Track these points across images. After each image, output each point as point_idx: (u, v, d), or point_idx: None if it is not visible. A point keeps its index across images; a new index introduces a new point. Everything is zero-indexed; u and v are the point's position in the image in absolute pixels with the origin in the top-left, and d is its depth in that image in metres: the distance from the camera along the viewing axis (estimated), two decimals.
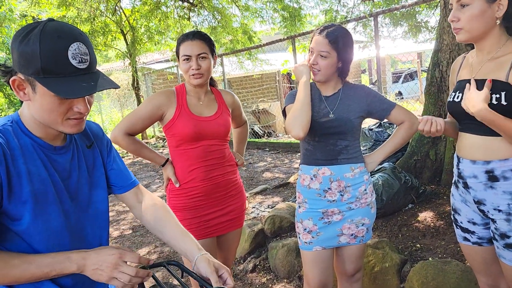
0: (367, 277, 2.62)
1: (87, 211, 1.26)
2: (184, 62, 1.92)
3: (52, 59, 1.01)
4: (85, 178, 1.26)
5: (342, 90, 1.89)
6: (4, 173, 1.05)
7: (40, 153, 1.14)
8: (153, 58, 14.85)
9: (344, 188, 1.87)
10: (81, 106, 1.09)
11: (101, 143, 1.37)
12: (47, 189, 1.14)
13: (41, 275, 1.05)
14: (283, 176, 5.97)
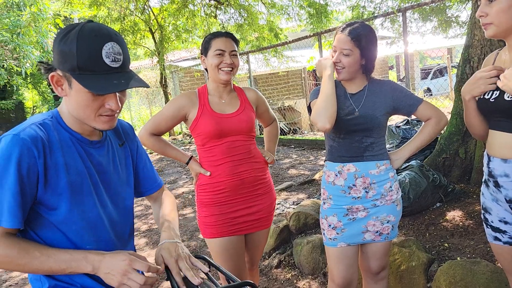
0: (393, 275, 2.60)
1: (118, 205, 1.32)
2: (217, 57, 1.95)
3: (87, 57, 1.07)
4: (117, 173, 1.32)
5: (368, 87, 1.88)
6: (42, 165, 1.11)
7: (78, 146, 1.21)
8: (180, 56, 15.06)
9: (369, 185, 1.87)
10: (113, 103, 1.14)
11: (132, 143, 1.43)
12: (83, 181, 1.20)
13: (58, 270, 1.10)
14: (308, 173, 5.96)
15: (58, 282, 1.20)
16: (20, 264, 1.09)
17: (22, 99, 21.32)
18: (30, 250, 1.09)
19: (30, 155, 1.09)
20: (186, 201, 5.45)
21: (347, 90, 1.89)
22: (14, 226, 1.09)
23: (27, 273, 1.16)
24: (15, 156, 1.07)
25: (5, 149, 1.08)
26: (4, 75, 13.77)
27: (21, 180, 1.08)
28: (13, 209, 1.08)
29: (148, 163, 1.50)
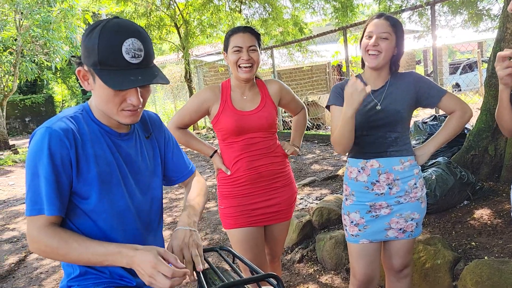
0: (417, 273, 2.57)
1: (146, 195, 1.36)
2: (235, 54, 1.95)
3: (107, 52, 1.10)
4: (145, 165, 1.36)
5: (390, 81, 1.85)
6: (74, 156, 1.16)
7: (107, 138, 1.26)
8: (205, 51, 15.15)
9: (393, 181, 1.84)
10: (133, 98, 1.17)
11: (159, 134, 1.46)
12: (112, 171, 1.24)
13: (95, 262, 1.14)
14: (332, 168, 5.92)
15: (89, 268, 1.25)
16: (60, 254, 1.14)
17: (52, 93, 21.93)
18: (69, 241, 1.13)
19: (62, 145, 1.15)
20: (210, 194, 5.51)
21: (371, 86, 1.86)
22: (54, 214, 1.13)
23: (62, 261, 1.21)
24: (48, 147, 1.13)
25: (39, 141, 1.14)
26: (35, 70, 14.18)
27: (56, 170, 1.13)
28: (52, 198, 1.13)
29: (177, 151, 1.52)
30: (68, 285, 1.28)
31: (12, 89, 13.71)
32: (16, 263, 3.96)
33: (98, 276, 1.27)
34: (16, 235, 4.85)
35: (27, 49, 13.42)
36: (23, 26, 12.50)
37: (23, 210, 5.89)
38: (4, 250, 4.37)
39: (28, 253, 4.20)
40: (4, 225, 5.27)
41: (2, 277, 3.67)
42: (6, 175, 9.02)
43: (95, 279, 1.26)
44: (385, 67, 1.83)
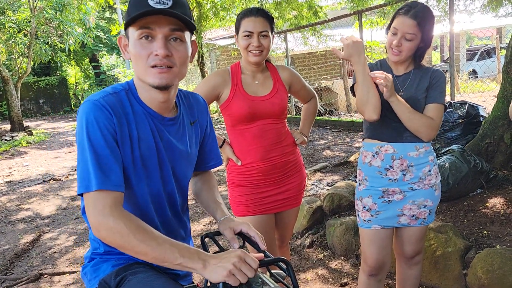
0: (427, 260, 2.56)
1: (180, 184, 1.34)
2: (245, 38, 1.89)
3: (135, 3, 1.11)
4: (184, 152, 1.33)
5: (413, 70, 1.84)
6: (119, 133, 1.14)
7: (150, 121, 1.22)
8: (218, 34, 15.05)
9: (407, 167, 1.83)
10: (157, 46, 1.12)
11: (203, 121, 1.43)
12: (151, 155, 1.22)
13: (170, 260, 1.05)
14: (344, 154, 5.89)
15: (112, 248, 1.23)
16: (129, 242, 1.05)
17: (65, 76, 22.10)
18: (147, 229, 1.07)
19: (110, 119, 1.13)
20: (221, 179, 5.53)
21: (393, 71, 1.84)
22: (115, 188, 1.08)
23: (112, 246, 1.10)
24: (97, 119, 1.10)
25: (88, 113, 1.11)
26: (49, 52, 14.28)
27: (107, 142, 1.10)
28: (113, 171, 1.09)
29: (213, 141, 1.50)
30: (92, 257, 1.29)
31: (26, 71, 13.85)
32: (30, 243, 4.05)
33: (121, 254, 1.25)
34: (30, 215, 4.95)
35: (41, 31, 13.50)
36: (37, 8, 12.54)
37: (37, 191, 6.00)
38: (19, 230, 4.47)
39: (42, 233, 4.29)
40: (19, 205, 5.37)
41: (17, 256, 3.76)
42: (21, 156, 9.17)
43: (119, 256, 1.26)
44: (409, 59, 1.81)
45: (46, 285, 3.16)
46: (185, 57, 1.18)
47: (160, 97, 1.20)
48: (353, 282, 2.73)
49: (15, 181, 6.77)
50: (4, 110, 16.82)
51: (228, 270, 1.00)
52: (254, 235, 1.28)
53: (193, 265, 1.04)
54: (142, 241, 1.04)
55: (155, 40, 1.12)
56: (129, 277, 1.18)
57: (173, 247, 1.05)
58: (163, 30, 1.12)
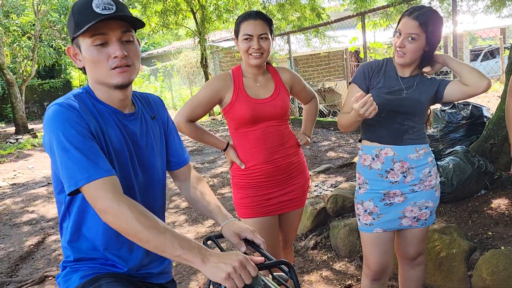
0: (432, 262, 2.55)
1: (152, 176, 1.36)
2: (245, 42, 1.90)
3: (80, 13, 1.15)
4: (151, 145, 1.36)
5: (420, 77, 1.83)
6: (93, 130, 1.17)
7: (114, 117, 1.26)
8: (221, 36, 15.07)
9: (408, 170, 1.82)
10: (114, 48, 1.17)
11: (163, 115, 1.46)
12: (122, 149, 1.25)
13: (170, 250, 1.05)
14: (347, 156, 5.88)
15: (83, 255, 1.28)
16: (133, 228, 1.06)
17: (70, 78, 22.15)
18: (151, 216, 1.08)
19: (79, 117, 1.15)
20: (225, 180, 5.54)
21: (398, 72, 1.84)
22: (106, 175, 1.10)
23: None
24: (68, 120, 1.13)
25: (58, 116, 1.13)
26: (53, 55, 14.35)
27: (84, 137, 1.13)
28: (94, 162, 1.10)
29: (177, 137, 1.51)
30: (64, 265, 1.32)
31: (30, 74, 13.92)
32: (35, 245, 4.07)
33: (91, 262, 1.29)
34: (35, 217, 4.97)
35: (45, 34, 13.58)
36: (41, 11, 12.61)
37: (42, 193, 6.02)
38: (24, 232, 4.49)
39: (46, 235, 4.30)
40: (24, 208, 5.40)
41: (22, 258, 3.77)
42: (25, 159, 9.21)
43: (88, 265, 1.29)
44: (415, 62, 1.80)
45: (50, 287, 3.18)
46: (138, 54, 1.25)
47: (120, 95, 1.25)
48: (357, 284, 2.72)
49: (19, 184, 6.81)
50: (8, 113, 16.90)
51: (227, 273, 1.00)
52: (260, 243, 1.29)
53: (192, 258, 1.04)
54: (145, 228, 1.05)
55: (110, 44, 1.17)
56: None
57: (174, 237, 1.06)
58: (116, 34, 1.17)
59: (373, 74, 1.84)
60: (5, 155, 9.73)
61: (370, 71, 1.85)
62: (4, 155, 9.79)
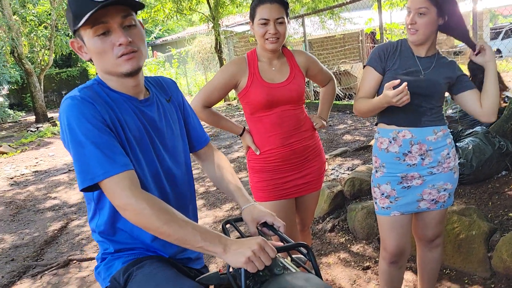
0: (451, 244, 2.54)
1: (177, 160, 1.36)
2: (261, 26, 1.88)
3: (77, 3, 1.11)
4: (170, 129, 1.35)
5: (437, 57, 1.80)
6: (109, 121, 1.16)
7: (130, 105, 1.24)
8: (235, 20, 14.96)
9: (426, 152, 1.80)
10: (117, 36, 1.14)
11: (177, 97, 1.44)
12: (142, 136, 1.24)
13: (191, 241, 1.07)
14: (364, 139, 5.84)
15: (123, 247, 1.29)
16: (153, 223, 1.07)
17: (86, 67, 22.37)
18: (170, 211, 1.09)
19: (94, 109, 1.14)
20: (242, 165, 5.57)
21: (414, 52, 1.81)
22: (125, 168, 1.10)
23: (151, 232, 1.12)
24: (83, 113, 1.11)
25: (72, 110, 1.12)
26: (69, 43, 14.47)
27: (100, 130, 1.12)
28: (113, 156, 1.10)
29: (195, 117, 1.50)
30: (103, 257, 1.32)
31: (48, 63, 14.11)
32: (58, 230, 4.18)
33: (132, 250, 1.30)
34: (57, 203, 5.10)
35: (61, 23, 13.68)
36: (57, 0, 12.70)
37: (63, 180, 6.16)
38: (47, 218, 4.62)
39: (69, 221, 4.42)
40: (46, 194, 5.54)
41: (46, 243, 3.89)
42: (46, 147, 9.41)
43: (130, 252, 1.30)
44: (429, 39, 1.76)
45: (75, 270, 3.28)
46: (143, 38, 1.22)
47: (132, 82, 1.23)
48: (375, 266, 2.73)
49: (42, 171, 6.97)
50: (28, 102, 17.21)
51: (247, 257, 1.02)
52: (280, 226, 1.29)
53: (213, 248, 1.06)
54: (165, 223, 1.06)
55: (112, 31, 1.14)
56: (135, 273, 1.22)
57: (195, 230, 1.07)
58: (116, 20, 1.14)
59: (388, 55, 1.81)
60: (26, 143, 9.96)
61: (386, 53, 1.82)
62: (26, 143, 10.01)
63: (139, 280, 1.19)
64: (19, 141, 10.19)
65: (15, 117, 16.22)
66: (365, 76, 1.87)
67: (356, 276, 2.68)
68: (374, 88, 1.86)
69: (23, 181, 6.44)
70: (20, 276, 3.28)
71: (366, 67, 1.87)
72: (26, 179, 6.52)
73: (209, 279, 1.15)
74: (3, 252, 3.80)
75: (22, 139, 10.39)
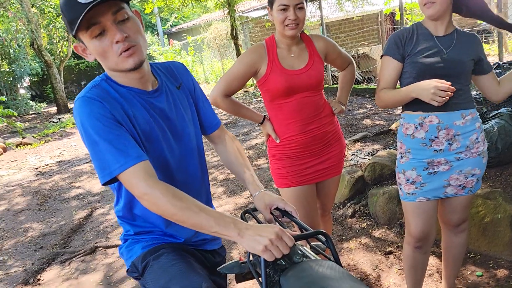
0: (475, 227, 2.50)
1: (189, 146, 1.38)
2: (281, 12, 1.86)
3: (68, 9, 1.12)
4: (182, 116, 1.37)
5: (456, 32, 1.75)
6: (118, 117, 1.19)
7: (138, 98, 1.27)
8: (250, 6, 14.83)
9: (453, 137, 1.76)
10: (112, 34, 1.14)
11: (188, 81, 1.45)
12: (151, 129, 1.27)
13: (206, 226, 1.10)
14: (384, 123, 5.76)
15: (142, 229, 1.36)
16: (168, 211, 1.11)
17: None
18: (193, 203, 1.12)
19: (103, 107, 1.17)
20: (260, 152, 5.58)
21: (432, 33, 1.76)
22: (139, 160, 1.13)
23: None
24: (92, 112, 1.15)
25: (82, 111, 1.16)
26: None
27: (110, 127, 1.15)
28: (125, 149, 1.14)
29: (206, 101, 1.51)
30: (125, 238, 1.40)
31: (67, 54, 14.30)
32: (84, 218, 4.29)
33: (151, 234, 1.37)
34: (82, 192, 5.22)
35: None
36: None
37: (86, 169, 6.29)
38: (72, 206, 4.73)
39: (94, 209, 4.52)
40: (71, 183, 5.67)
41: (73, 231, 4.00)
42: (69, 137, 9.59)
43: (148, 236, 1.37)
44: (445, 15, 1.71)
45: (101, 257, 3.36)
46: (139, 30, 1.21)
47: (137, 75, 1.25)
48: (397, 250, 2.72)
49: (65, 161, 7.13)
50: (49, 93, 17.52)
51: (264, 246, 1.03)
52: (291, 211, 1.31)
53: (228, 233, 1.08)
54: (180, 210, 1.10)
55: (107, 30, 1.15)
56: (152, 263, 1.28)
57: (209, 216, 1.10)
58: (108, 18, 1.13)
59: (405, 41, 1.77)
60: (49, 134, 10.18)
61: (402, 39, 1.77)
62: (49, 134, 10.24)
63: (155, 270, 1.26)
64: (42, 132, 10.41)
65: (37, 108, 16.56)
66: (384, 66, 1.83)
67: (378, 261, 2.67)
68: (395, 78, 1.83)
69: (48, 171, 6.60)
70: (49, 263, 3.39)
71: (383, 57, 1.84)
72: (50, 169, 6.67)
73: (230, 268, 1.17)
74: (32, 240, 3.92)
75: (45, 130, 10.62)
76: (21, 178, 6.33)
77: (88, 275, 3.11)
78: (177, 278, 1.20)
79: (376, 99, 1.89)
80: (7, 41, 13.67)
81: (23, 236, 4.05)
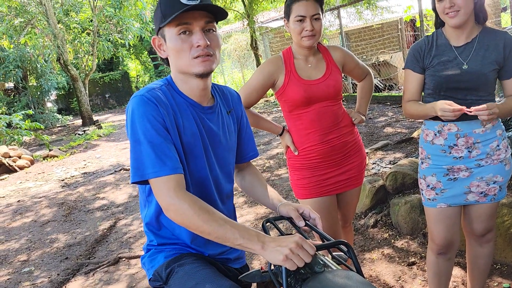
0: (501, 237, 2.44)
1: (223, 169, 1.41)
2: (298, 23, 1.88)
3: (167, 4, 1.20)
4: (225, 139, 1.40)
5: (478, 38, 1.71)
6: (168, 123, 1.23)
7: (192, 111, 1.31)
8: (270, 16, 14.94)
9: (473, 145, 1.74)
10: (198, 39, 1.22)
11: (238, 111, 1.49)
12: (196, 142, 1.30)
13: (230, 238, 1.11)
14: (406, 131, 5.69)
15: (167, 240, 1.37)
16: (194, 223, 1.13)
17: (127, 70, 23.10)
18: (217, 217, 1.14)
19: (157, 110, 1.21)
20: (281, 162, 5.58)
21: (451, 42, 1.74)
22: (173, 172, 1.17)
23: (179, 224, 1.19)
24: (146, 113, 1.19)
25: (137, 108, 1.20)
26: (111, 48, 15.01)
27: (158, 131, 1.19)
28: (168, 156, 1.18)
29: (249, 132, 1.55)
30: (148, 248, 1.42)
31: (92, 68, 14.69)
32: (108, 229, 4.36)
33: (174, 245, 1.37)
34: (106, 203, 5.32)
35: (102, 29, 14.21)
36: (97, 7, 13.18)
37: (110, 181, 6.42)
38: (97, 217, 4.83)
39: (117, 220, 4.60)
40: (95, 195, 5.79)
41: (97, 241, 4.07)
42: (93, 149, 9.81)
43: (171, 247, 1.37)
44: (469, 21, 1.68)
45: (124, 267, 3.41)
46: (219, 45, 1.29)
47: (201, 85, 1.29)
48: (421, 261, 2.67)
49: (90, 173, 7.28)
50: (75, 106, 17.99)
51: (285, 255, 1.03)
52: (315, 217, 1.31)
53: (252, 246, 1.09)
54: (205, 222, 1.12)
55: (193, 33, 1.22)
56: (176, 269, 1.29)
57: (234, 228, 1.11)
58: (199, 24, 1.22)
59: (424, 53, 1.77)
60: (75, 146, 10.43)
61: (421, 52, 1.77)
62: (74, 146, 10.49)
63: (180, 277, 1.26)
64: (68, 145, 10.69)
65: (63, 121, 17.01)
66: (407, 78, 1.85)
67: (401, 272, 2.63)
68: (419, 89, 1.84)
69: (73, 182, 6.76)
70: (74, 274, 3.45)
71: (405, 70, 1.86)
72: (76, 181, 6.83)
73: (251, 277, 1.17)
74: (58, 251, 4.01)
75: (71, 143, 10.90)
76: (47, 189, 6.50)
77: (112, 286, 3.16)
78: (206, 281, 1.20)
79: (403, 109, 1.91)
80: (35, 57, 14.14)
81: (49, 247, 4.15)
